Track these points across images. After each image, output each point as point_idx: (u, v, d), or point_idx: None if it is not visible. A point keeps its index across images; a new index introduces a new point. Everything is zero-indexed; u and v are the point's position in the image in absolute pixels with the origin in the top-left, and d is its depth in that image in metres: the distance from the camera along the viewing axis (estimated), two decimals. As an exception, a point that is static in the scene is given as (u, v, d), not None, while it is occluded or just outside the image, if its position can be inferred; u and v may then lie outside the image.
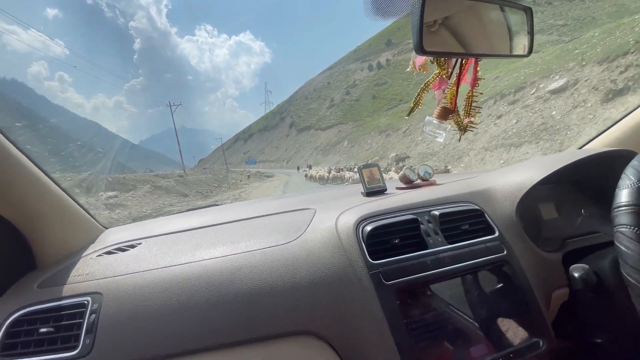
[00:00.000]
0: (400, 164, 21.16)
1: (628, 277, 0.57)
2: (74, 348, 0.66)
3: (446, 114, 0.75)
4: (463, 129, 0.78)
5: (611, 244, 0.65)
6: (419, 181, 1.14)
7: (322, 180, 20.64)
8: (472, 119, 0.77)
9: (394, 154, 24.88)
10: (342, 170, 20.83)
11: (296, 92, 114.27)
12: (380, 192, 1.09)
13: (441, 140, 0.77)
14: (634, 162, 0.64)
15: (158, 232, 0.98)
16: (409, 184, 1.14)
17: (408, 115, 0.85)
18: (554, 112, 13.47)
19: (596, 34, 17.43)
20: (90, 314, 0.69)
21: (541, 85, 16.04)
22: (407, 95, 55.29)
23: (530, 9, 0.70)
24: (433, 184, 1.13)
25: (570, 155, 0.96)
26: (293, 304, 0.71)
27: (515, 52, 0.72)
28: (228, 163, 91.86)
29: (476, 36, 0.68)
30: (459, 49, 0.66)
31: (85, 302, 0.71)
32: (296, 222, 0.90)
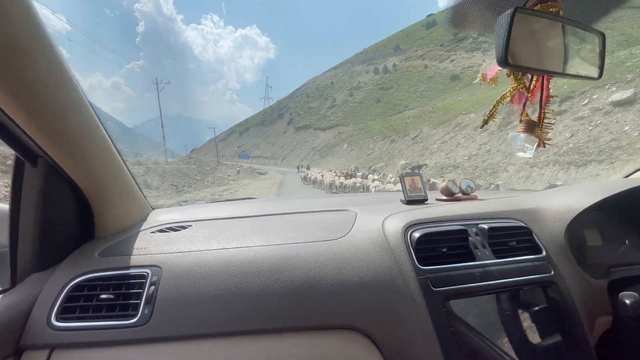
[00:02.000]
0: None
1: None
2: (133, 316, 0.68)
3: (533, 127, 0.75)
4: (542, 143, 0.77)
5: None
6: (460, 194, 1.13)
7: (331, 187, 15.96)
8: (546, 135, 0.78)
9: (403, 162, 22.06)
10: (356, 175, 17.33)
11: (297, 89, 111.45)
12: (421, 201, 1.09)
13: (530, 155, 0.76)
14: None
15: (205, 217, 1.00)
16: (449, 196, 1.13)
17: (482, 127, 0.86)
18: (626, 128, 10.74)
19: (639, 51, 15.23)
20: (150, 286, 0.71)
21: (595, 97, 13.46)
22: (413, 102, 53.22)
23: (603, 34, 0.71)
24: (474, 198, 1.12)
25: (619, 183, 0.97)
26: (341, 298, 0.72)
27: (587, 74, 0.75)
28: (220, 155, 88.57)
29: (553, 54, 0.70)
30: (538, 64, 0.69)
31: (145, 273, 0.73)
32: (339, 221, 0.91)
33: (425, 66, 64.54)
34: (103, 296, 0.70)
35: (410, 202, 1.09)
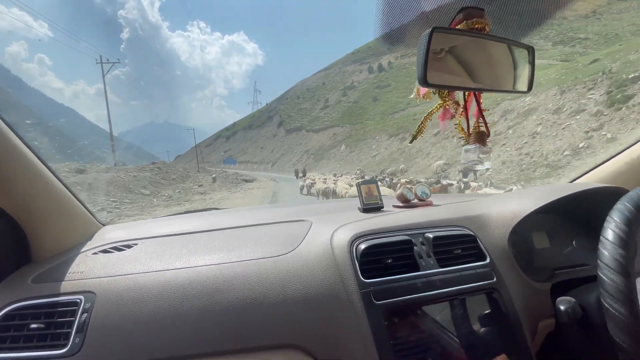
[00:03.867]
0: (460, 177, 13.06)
1: (608, 307, 0.60)
2: (63, 346, 0.66)
3: (483, 137, 0.75)
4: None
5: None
6: (415, 201, 1.16)
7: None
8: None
9: (440, 162, 16.82)
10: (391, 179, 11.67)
11: (287, 91, 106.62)
12: (377, 209, 1.10)
13: (488, 165, 0.77)
14: (618, 204, 0.66)
15: (154, 234, 0.98)
16: (405, 203, 1.15)
17: (411, 142, 0.88)
18: None
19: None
20: (82, 313, 0.69)
21: None
22: (415, 99, 48.84)
23: (532, 47, 0.72)
24: (429, 204, 1.14)
25: (564, 188, 0.99)
26: (283, 317, 0.71)
27: (516, 88, 0.74)
28: (206, 161, 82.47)
29: (478, 70, 0.70)
30: (461, 82, 0.69)
31: (78, 300, 0.71)
32: (292, 233, 0.91)
33: (424, 62, 60.44)
34: (33, 326, 0.68)
35: (366, 210, 1.09)
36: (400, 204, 1.15)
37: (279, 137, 78.52)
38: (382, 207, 1.11)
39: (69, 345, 0.66)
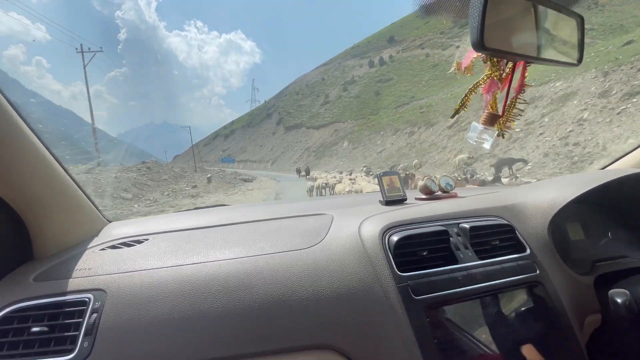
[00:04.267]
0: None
1: None
2: (70, 351, 0.59)
3: (493, 120, 0.71)
4: (500, 134, 0.73)
5: None
6: (439, 193, 1.11)
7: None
8: (509, 124, 0.73)
9: (463, 156, 14.87)
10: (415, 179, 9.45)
11: (286, 87, 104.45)
12: (400, 201, 1.06)
13: (488, 146, 0.74)
14: None
15: (166, 229, 0.92)
16: (429, 195, 1.10)
17: (452, 117, 0.81)
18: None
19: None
20: (92, 313, 0.63)
21: None
22: (420, 92, 47.28)
23: (582, 17, 0.68)
24: (454, 196, 1.09)
25: (599, 175, 0.94)
26: (314, 315, 0.66)
27: (567, 60, 0.72)
28: (204, 161, 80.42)
29: (530, 39, 0.66)
30: (518, 49, 0.65)
31: (87, 299, 0.65)
32: (314, 227, 0.86)
33: (427, 55, 58.92)
34: (35, 329, 0.61)
35: (388, 202, 1.04)
36: (424, 196, 1.10)
37: (278, 134, 76.53)
38: (406, 200, 1.06)
39: (77, 350, 0.59)
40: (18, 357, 0.58)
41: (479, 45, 0.57)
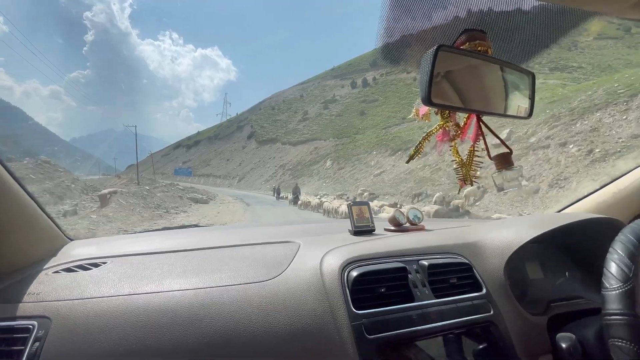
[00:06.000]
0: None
1: (616, 344, 0.57)
2: None
3: (505, 159, 0.70)
4: (469, 181, 0.76)
5: (594, 311, 0.71)
6: (407, 225, 1.12)
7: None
8: (474, 173, 0.76)
9: (472, 187, 8.99)
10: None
11: (261, 102, 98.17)
12: (368, 232, 1.06)
13: (526, 182, 0.74)
14: (620, 236, 0.62)
15: (126, 252, 0.90)
16: (397, 226, 1.11)
17: (407, 162, 0.84)
18: None
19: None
20: (34, 342, 0.60)
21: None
22: (409, 113, 43.26)
23: (533, 74, 0.71)
24: (422, 229, 1.11)
25: (557, 217, 0.99)
26: (265, 350, 0.65)
27: (517, 113, 0.73)
28: (159, 173, 69.95)
29: (480, 93, 0.70)
30: (464, 104, 0.68)
31: (30, 326, 0.62)
32: (278, 256, 0.85)
33: (415, 79, 56.06)
34: None
35: (357, 232, 1.05)
36: (392, 228, 1.10)
37: (249, 149, 68.99)
38: (374, 230, 1.07)
39: None
40: None
41: (427, 100, 0.59)
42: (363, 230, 1.05)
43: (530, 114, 0.72)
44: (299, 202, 17.33)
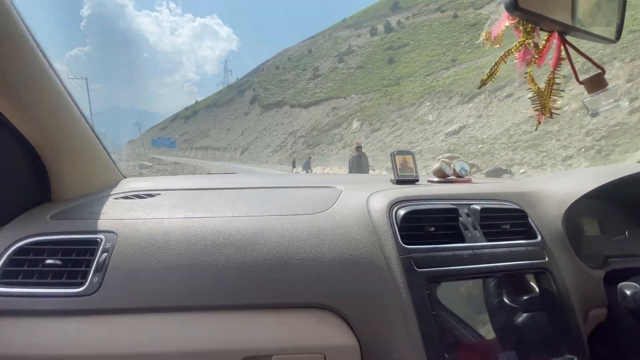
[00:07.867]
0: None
1: None
2: (80, 285, 0.63)
3: (597, 81, 0.62)
4: (548, 112, 0.66)
5: None
6: (453, 177, 1.08)
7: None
8: (554, 103, 0.67)
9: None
10: None
11: (263, 63, 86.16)
12: (412, 181, 1.03)
13: (626, 104, 0.69)
14: None
15: (178, 187, 0.95)
16: (442, 178, 1.08)
17: (479, 87, 0.76)
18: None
19: None
20: (102, 252, 0.66)
21: None
22: (464, 55, 32.28)
23: None
24: (468, 181, 1.06)
25: (624, 168, 0.91)
26: (315, 276, 0.67)
27: (605, 35, 0.65)
28: (156, 147, 61.27)
29: (569, 6, 0.60)
30: (553, 14, 0.57)
31: (99, 239, 0.68)
32: (322, 196, 0.86)
33: (455, 15, 43.65)
34: (49, 261, 0.65)
35: (400, 182, 1.01)
36: (436, 179, 1.07)
37: (252, 115, 58.94)
38: (417, 181, 1.03)
39: (87, 284, 0.62)
40: (32, 285, 0.62)
41: (513, 5, 0.51)
42: (406, 179, 1.00)
43: (618, 37, 0.63)
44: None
